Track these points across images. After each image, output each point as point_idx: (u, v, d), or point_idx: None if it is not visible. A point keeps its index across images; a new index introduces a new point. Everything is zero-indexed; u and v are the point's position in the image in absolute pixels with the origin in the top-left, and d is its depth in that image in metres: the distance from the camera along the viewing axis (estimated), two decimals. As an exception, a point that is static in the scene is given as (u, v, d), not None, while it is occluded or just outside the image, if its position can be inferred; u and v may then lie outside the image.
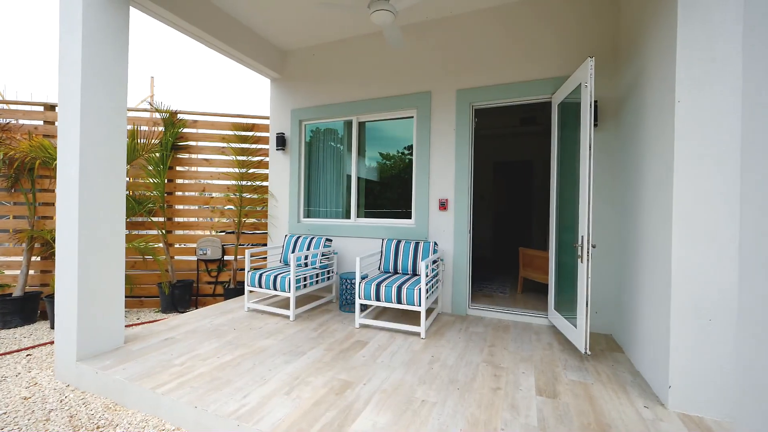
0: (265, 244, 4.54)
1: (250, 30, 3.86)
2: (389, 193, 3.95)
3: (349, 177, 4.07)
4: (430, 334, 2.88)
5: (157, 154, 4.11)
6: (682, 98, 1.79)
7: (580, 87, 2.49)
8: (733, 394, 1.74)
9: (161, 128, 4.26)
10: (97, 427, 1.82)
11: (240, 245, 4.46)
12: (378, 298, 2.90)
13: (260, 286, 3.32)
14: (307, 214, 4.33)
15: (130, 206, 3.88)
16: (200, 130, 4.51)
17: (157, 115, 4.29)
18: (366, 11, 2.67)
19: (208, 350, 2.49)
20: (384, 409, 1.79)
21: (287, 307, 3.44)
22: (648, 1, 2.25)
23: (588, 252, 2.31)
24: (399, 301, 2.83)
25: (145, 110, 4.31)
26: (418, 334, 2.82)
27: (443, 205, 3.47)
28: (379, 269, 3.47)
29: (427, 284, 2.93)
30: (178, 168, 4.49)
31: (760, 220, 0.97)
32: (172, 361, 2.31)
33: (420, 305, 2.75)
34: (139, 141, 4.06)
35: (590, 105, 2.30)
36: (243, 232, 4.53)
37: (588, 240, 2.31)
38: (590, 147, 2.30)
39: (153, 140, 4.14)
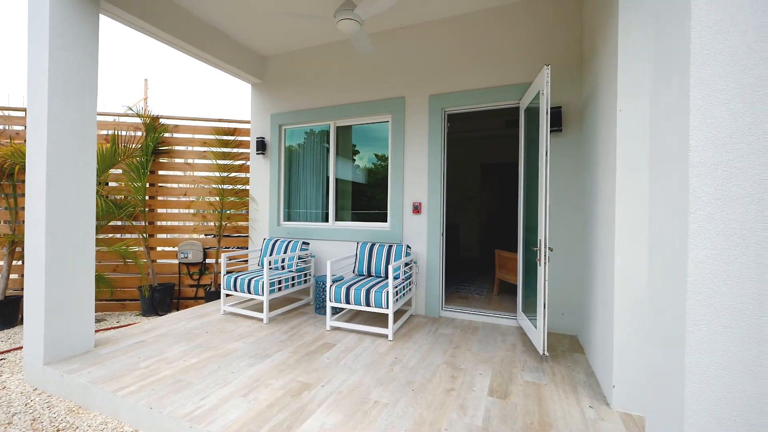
0: (248, 248, 4.59)
1: (228, 36, 3.91)
2: (369, 196, 4.01)
3: (328, 180, 4.12)
4: (399, 336, 2.92)
5: (138, 159, 4.16)
6: (622, 106, 1.84)
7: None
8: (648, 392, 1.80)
9: (143, 133, 4.31)
10: (58, 430, 1.87)
11: (222, 248, 4.51)
12: (348, 301, 2.95)
13: (235, 290, 3.37)
14: (288, 218, 4.38)
15: (109, 210, 3.93)
16: (182, 135, 4.56)
17: (139, 120, 4.34)
18: (332, 20, 2.73)
19: (176, 353, 2.54)
20: (336, 411, 1.84)
21: (263, 310, 3.49)
22: (599, 10, 2.31)
23: (545, 255, 2.36)
24: (368, 304, 2.88)
25: (126, 115, 4.36)
26: (386, 336, 2.87)
27: (416, 209, 3.53)
28: (353, 272, 3.52)
29: (396, 287, 2.99)
30: (160, 172, 4.55)
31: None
32: (138, 364, 2.36)
33: (388, 308, 2.80)
34: (120, 146, 4.12)
35: (546, 111, 2.35)
36: (225, 236, 4.58)
37: (545, 243, 2.36)
38: (546, 153, 2.36)
39: (134, 145, 4.20)
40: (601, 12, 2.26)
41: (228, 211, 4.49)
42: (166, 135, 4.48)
